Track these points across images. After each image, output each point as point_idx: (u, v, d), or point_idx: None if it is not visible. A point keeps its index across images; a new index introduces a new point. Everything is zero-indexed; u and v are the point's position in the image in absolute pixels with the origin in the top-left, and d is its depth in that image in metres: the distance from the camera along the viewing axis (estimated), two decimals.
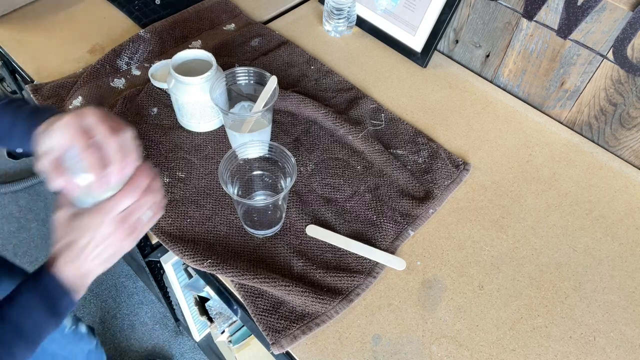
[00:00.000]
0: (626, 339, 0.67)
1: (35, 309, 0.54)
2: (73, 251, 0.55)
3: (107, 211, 0.55)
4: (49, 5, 1.09)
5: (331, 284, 0.70)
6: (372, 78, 0.99)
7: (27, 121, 0.60)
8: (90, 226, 0.55)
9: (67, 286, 0.56)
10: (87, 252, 0.56)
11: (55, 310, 0.56)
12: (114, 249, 0.57)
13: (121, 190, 0.56)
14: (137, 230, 0.58)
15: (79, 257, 0.56)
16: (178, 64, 0.82)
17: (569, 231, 0.78)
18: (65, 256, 0.56)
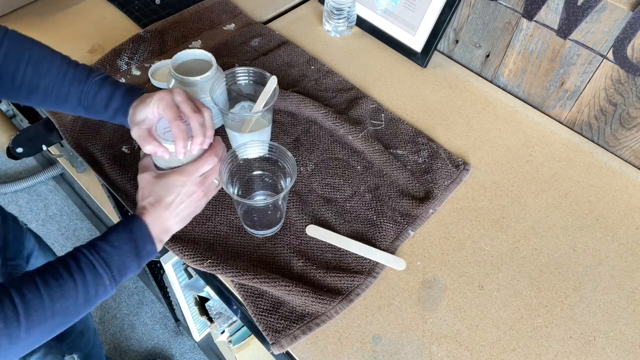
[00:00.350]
0: (626, 339, 0.67)
1: (123, 247, 0.60)
2: (161, 206, 0.63)
3: (191, 172, 0.64)
4: (49, 5, 1.09)
5: (331, 284, 0.70)
6: (372, 78, 0.99)
7: (123, 97, 0.68)
8: (176, 185, 0.63)
9: (153, 235, 0.62)
10: (173, 208, 0.63)
11: (140, 253, 0.61)
12: (193, 208, 0.65)
13: (202, 156, 0.65)
14: (210, 192, 0.67)
15: (165, 211, 0.63)
16: (178, 64, 0.82)
17: (569, 231, 0.78)
18: (154, 210, 0.62)
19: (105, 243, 0.60)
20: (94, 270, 0.58)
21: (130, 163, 0.82)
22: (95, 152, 0.83)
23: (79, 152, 0.84)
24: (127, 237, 0.61)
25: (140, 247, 0.61)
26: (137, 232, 0.61)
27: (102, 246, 0.59)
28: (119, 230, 0.61)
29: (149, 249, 0.63)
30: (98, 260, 0.58)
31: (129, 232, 0.61)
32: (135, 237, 0.61)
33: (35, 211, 1.86)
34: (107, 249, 0.59)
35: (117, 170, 0.81)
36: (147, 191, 0.64)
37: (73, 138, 0.85)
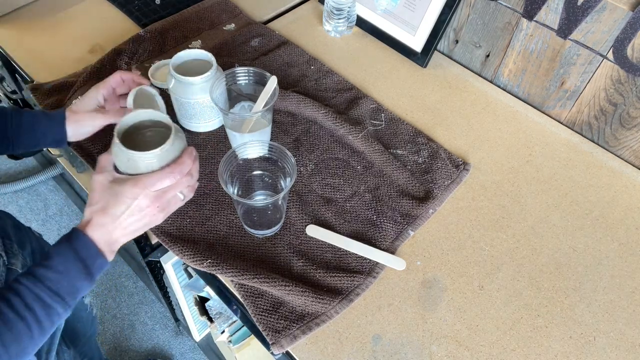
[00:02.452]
0: (626, 339, 0.67)
1: (71, 271, 0.56)
2: (107, 217, 0.58)
3: (147, 185, 0.59)
4: (49, 5, 1.09)
5: (331, 284, 0.70)
6: (372, 78, 0.99)
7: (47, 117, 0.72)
8: (127, 196, 0.58)
9: (101, 248, 0.58)
10: (120, 221, 0.59)
11: (90, 270, 0.57)
12: (145, 222, 0.61)
13: (165, 169, 0.60)
14: (169, 207, 0.63)
15: (111, 224, 0.58)
16: (178, 64, 0.82)
17: (569, 231, 0.78)
18: (98, 220, 0.58)
19: (49, 270, 0.55)
20: (44, 303, 0.54)
21: None
22: (95, 152, 0.83)
23: (79, 152, 0.84)
24: (72, 258, 0.56)
25: (89, 264, 0.57)
26: (82, 251, 0.57)
27: (46, 275, 0.55)
28: (62, 251, 0.56)
29: (100, 263, 0.59)
30: (45, 292, 0.54)
31: (74, 253, 0.56)
32: (82, 256, 0.57)
33: (35, 211, 1.86)
34: (52, 276, 0.55)
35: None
36: (96, 196, 0.60)
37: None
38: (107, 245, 0.59)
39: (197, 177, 0.65)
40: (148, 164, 0.61)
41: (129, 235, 0.61)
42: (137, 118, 0.66)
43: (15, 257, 0.72)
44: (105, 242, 0.59)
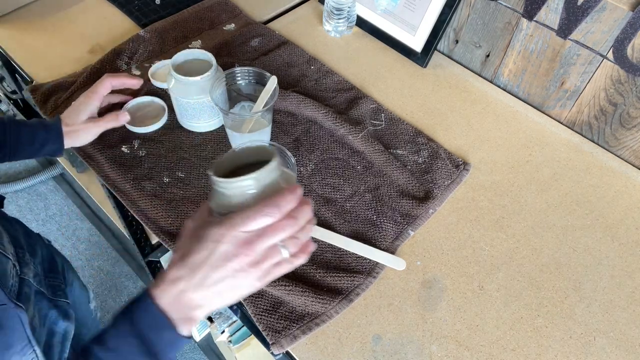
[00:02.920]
0: (626, 339, 0.67)
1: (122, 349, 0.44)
2: (183, 268, 0.45)
3: (235, 224, 0.44)
4: (49, 5, 1.09)
5: (331, 284, 0.70)
6: (372, 78, 0.99)
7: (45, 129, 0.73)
8: (210, 238, 0.44)
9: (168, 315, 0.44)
10: (200, 275, 0.44)
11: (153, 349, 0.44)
12: (234, 283, 0.45)
13: (259, 204, 0.45)
14: (265, 262, 0.45)
15: (188, 279, 0.44)
16: (178, 64, 0.82)
17: (569, 231, 0.78)
18: (172, 274, 0.45)
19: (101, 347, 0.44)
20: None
21: (131, 163, 0.82)
22: (95, 152, 0.83)
23: (79, 152, 0.84)
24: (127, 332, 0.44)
25: (150, 339, 0.44)
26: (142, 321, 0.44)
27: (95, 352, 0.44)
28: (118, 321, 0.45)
29: (169, 339, 0.44)
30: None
31: (130, 324, 0.44)
32: (140, 328, 0.44)
33: (35, 211, 1.86)
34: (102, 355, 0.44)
35: (117, 170, 0.81)
36: (180, 243, 0.48)
37: None
38: (180, 311, 0.45)
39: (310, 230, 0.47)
40: (241, 199, 0.46)
41: (213, 299, 0.45)
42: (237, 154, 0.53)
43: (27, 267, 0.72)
44: (179, 307, 0.45)
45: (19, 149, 0.74)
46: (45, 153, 0.77)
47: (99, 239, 1.81)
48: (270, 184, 0.46)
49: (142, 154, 0.83)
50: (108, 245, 1.79)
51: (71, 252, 1.76)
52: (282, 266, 0.47)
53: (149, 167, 0.82)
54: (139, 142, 0.85)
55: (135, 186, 0.79)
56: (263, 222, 0.44)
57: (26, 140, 0.75)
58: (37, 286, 0.71)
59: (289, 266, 0.47)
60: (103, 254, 1.77)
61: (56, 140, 0.77)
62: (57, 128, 0.77)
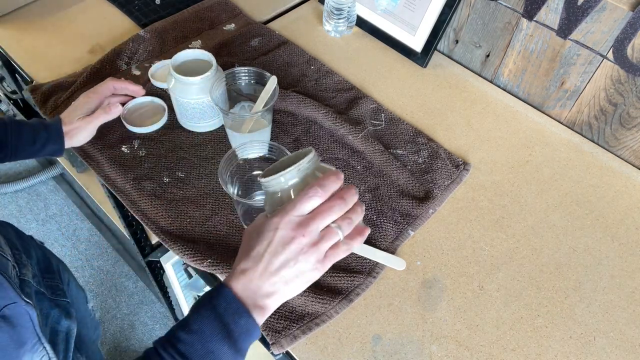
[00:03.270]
0: (626, 339, 0.67)
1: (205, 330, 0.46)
2: (248, 261, 0.47)
3: (287, 210, 0.47)
4: (49, 5, 1.09)
5: (331, 284, 0.70)
6: (372, 78, 0.99)
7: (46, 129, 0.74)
8: (267, 229, 0.47)
9: (243, 302, 0.47)
10: (265, 264, 0.47)
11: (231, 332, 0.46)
12: (298, 269, 0.47)
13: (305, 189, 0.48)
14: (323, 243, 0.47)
15: (254, 269, 0.47)
16: (178, 64, 0.82)
17: (569, 231, 0.78)
18: (240, 267, 0.48)
19: (182, 330, 0.46)
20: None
21: (131, 163, 0.82)
22: (95, 152, 0.83)
23: (79, 152, 0.84)
24: (208, 315, 0.46)
25: (228, 322, 0.46)
26: (221, 305, 0.46)
27: (179, 335, 0.46)
28: (199, 306, 0.47)
29: (244, 324, 0.46)
30: (173, 356, 0.45)
31: (211, 308, 0.46)
32: (220, 311, 0.46)
33: (35, 211, 1.86)
34: (184, 337, 0.45)
35: (117, 170, 0.81)
36: (244, 241, 0.50)
37: None
38: (251, 298, 0.47)
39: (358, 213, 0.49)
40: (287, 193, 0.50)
41: (280, 287, 0.47)
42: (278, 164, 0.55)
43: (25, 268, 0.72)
44: (250, 295, 0.47)
45: (20, 149, 0.75)
46: (46, 153, 0.78)
47: (99, 239, 1.81)
48: (310, 175, 0.50)
49: (142, 154, 0.83)
50: (108, 245, 1.79)
51: (71, 252, 1.76)
52: (339, 249, 0.49)
53: (149, 167, 0.82)
54: (139, 142, 0.85)
55: (135, 186, 0.79)
56: (312, 203, 0.47)
57: (27, 141, 0.75)
58: (36, 286, 0.71)
59: (346, 248, 0.49)
60: (103, 254, 1.77)
61: (57, 140, 0.77)
62: (58, 128, 0.77)
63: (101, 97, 0.82)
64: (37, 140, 0.75)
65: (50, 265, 0.85)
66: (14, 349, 0.58)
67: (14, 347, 0.58)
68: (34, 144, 0.75)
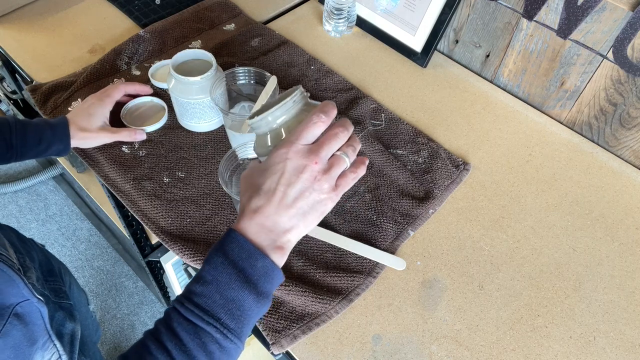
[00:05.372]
0: (626, 339, 0.67)
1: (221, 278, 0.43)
2: (260, 197, 0.44)
3: (293, 139, 0.45)
4: (49, 5, 1.09)
5: (331, 284, 0.70)
6: (372, 78, 0.99)
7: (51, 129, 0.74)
8: (275, 161, 0.45)
9: (257, 243, 0.44)
10: (279, 196, 0.44)
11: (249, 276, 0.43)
12: (314, 199, 0.45)
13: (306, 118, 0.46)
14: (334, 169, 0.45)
15: (268, 204, 0.44)
16: (178, 64, 0.82)
17: (569, 231, 0.78)
18: (250, 206, 0.45)
19: (197, 283, 0.43)
20: (192, 327, 0.42)
21: (131, 163, 0.82)
22: (95, 152, 0.83)
23: (79, 152, 0.84)
24: (221, 263, 0.43)
25: (246, 269, 0.43)
26: (233, 250, 0.43)
27: (194, 289, 0.43)
28: (211, 256, 0.44)
29: (262, 267, 0.44)
30: (193, 311, 0.42)
31: (223, 255, 0.44)
32: (233, 257, 0.43)
33: (35, 211, 1.86)
34: (200, 290, 0.43)
35: (117, 170, 0.81)
36: (243, 188, 0.47)
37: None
38: (269, 237, 0.44)
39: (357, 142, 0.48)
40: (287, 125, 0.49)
41: (297, 220, 0.45)
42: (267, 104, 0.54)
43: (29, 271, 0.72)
44: (267, 235, 0.44)
45: (26, 149, 0.74)
46: (51, 153, 0.77)
47: (99, 239, 1.81)
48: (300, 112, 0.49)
49: (142, 154, 0.83)
50: (108, 245, 1.79)
51: (71, 252, 1.76)
52: (348, 177, 0.47)
53: (149, 167, 0.82)
54: (139, 142, 0.85)
55: (135, 186, 0.79)
56: (317, 130, 0.45)
57: (33, 141, 0.74)
58: (40, 289, 0.71)
59: (354, 176, 0.48)
60: (103, 254, 1.77)
61: (62, 140, 0.77)
62: (64, 128, 0.77)
63: (114, 100, 0.81)
64: (42, 140, 0.75)
65: (52, 268, 0.85)
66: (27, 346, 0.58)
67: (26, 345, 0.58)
68: (39, 144, 0.75)
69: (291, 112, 0.49)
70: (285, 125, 0.49)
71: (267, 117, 0.48)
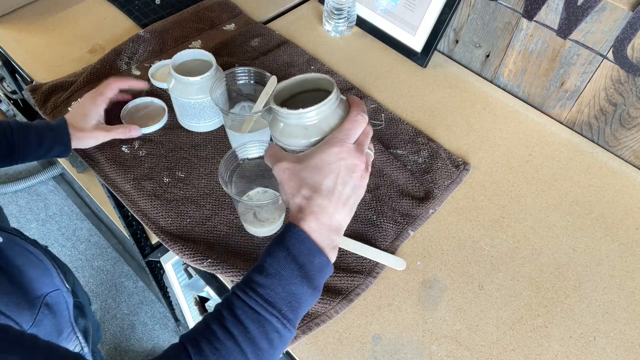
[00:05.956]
0: (626, 339, 0.67)
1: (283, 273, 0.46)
2: (322, 196, 0.47)
3: (344, 138, 0.47)
4: (49, 5, 1.09)
5: (331, 284, 0.70)
6: (372, 78, 0.99)
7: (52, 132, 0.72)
8: (332, 161, 0.47)
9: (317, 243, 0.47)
10: (337, 195, 0.47)
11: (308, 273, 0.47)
12: (359, 193, 0.49)
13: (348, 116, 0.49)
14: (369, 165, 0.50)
15: (330, 203, 0.47)
16: (178, 64, 0.82)
17: (569, 231, 0.78)
18: (313, 204, 0.47)
19: (260, 274, 0.46)
20: (256, 316, 0.45)
21: (131, 163, 0.82)
22: (95, 152, 0.83)
23: (79, 152, 0.84)
24: (284, 258, 0.46)
25: (305, 265, 0.46)
26: (295, 247, 0.46)
27: (257, 279, 0.46)
28: (273, 250, 0.47)
29: (319, 263, 0.47)
30: (257, 302, 0.45)
31: (285, 251, 0.46)
32: (295, 254, 0.46)
33: (35, 211, 1.86)
34: (263, 281, 0.46)
35: (117, 170, 0.81)
36: (294, 183, 0.48)
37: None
38: (328, 236, 0.48)
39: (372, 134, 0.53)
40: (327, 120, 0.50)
41: (350, 213, 0.49)
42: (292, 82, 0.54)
43: None
44: (326, 232, 0.48)
45: (28, 152, 0.74)
46: (52, 155, 0.77)
47: (99, 239, 1.81)
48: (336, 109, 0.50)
49: (142, 154, 0.83)
50: (108, 245, 1.79)
51: (71, 252, 1.76)
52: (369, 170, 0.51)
53: (149, 167, 0.82)
54: (139, 142, 0.85)
55: (135, 186, 0.79)
56: (361, 129, 0.49)
57: (34, 143, 0.74)
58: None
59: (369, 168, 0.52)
60: (103, 254, 1.77)
61: (63, 142, 0.77)
62: (64, 130, 0.77)
63: (107, 98, 0.81)
64: (43, 142, 0.75)
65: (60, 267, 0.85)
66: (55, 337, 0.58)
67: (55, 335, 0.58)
68: (40, 147, 0.75)
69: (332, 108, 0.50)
70: (327, 120, 0.50)
71: (313, 112, 0.49)
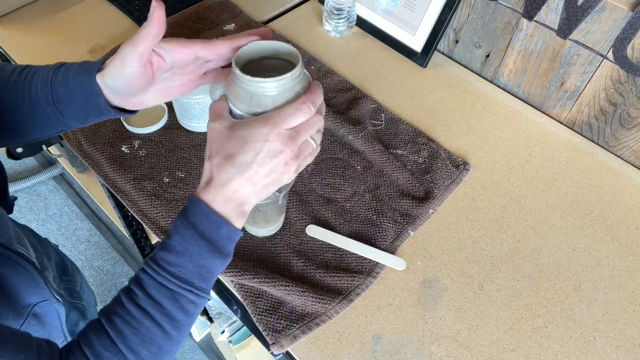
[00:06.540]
0: (626, 339, 0.67)
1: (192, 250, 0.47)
2: (232, 168, 0.46)
3: (279, 122, 0.46)
4: (49, 5, 1.09)
5: (331, 284, 0.70)
6: (372, 78, 0.99)
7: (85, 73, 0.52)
8: (256, 138, 0.46)
9: (223, 215, 0.47)
10: (250, 173, 0.46)
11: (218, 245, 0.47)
12: (275, 177, 0.48)
13: (295, 101, 0.48)
14: (302, 156, 0.49)
15: (239, 177, 0.46)
16: None
17: (569, 231, 0.78)
18: (221, 175, 0.47)
19: (169, 252, 0.47)
20: (170, 293, 0.46)
21: (131, 163, 0.82)
22: (95, 152, 0.83)
23: (79, 152, 0.84)
24: (191, 236, 0.46)
25: (213, 238, 0.47)
26: (201, 223, 0.46)
27: (167, 258, 0.46)
28: (178, 227, 0.47)
29: (226, 233, 0.48)
30: (169, 280, 0.46)
31: (192, 227, 0.46)
32: (202, 229, 0.46)
33: (35, 211, 1.86)
34: (173, 260, 0.46)
35: (117, 170, 0.81)
36: (215, 146, 0.48)
37: (73, 138, 0.85)
38: (234, 209, 0.48)
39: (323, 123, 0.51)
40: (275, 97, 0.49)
41: (259, 194, 0.48)
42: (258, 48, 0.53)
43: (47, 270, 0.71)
44: (233, 206, 0.47)
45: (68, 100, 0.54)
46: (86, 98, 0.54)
47: (99, 239, 1.81)
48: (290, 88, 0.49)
49: (142, 154, 0.83)
50: (108, 245, 1.79)
51: (71, 252, 1.76)
52: (308, 157, 0.51)
53: (149, 167, 0.82)
54: (139, 142, 0.85)
55: (135, 186, 0.79)
56: (303, 118, 0.47)
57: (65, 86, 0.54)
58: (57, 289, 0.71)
59: (313, 157, 0.52)
60: (103, 254, 1.77)
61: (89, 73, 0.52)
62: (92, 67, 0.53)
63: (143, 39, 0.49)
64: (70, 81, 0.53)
65: (66, 268, 0.85)
66: None
67: None
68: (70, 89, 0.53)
69: (285, 87, 0.49)
70: (275, 96, 0.49)
71: (262, 83, 0.48)
